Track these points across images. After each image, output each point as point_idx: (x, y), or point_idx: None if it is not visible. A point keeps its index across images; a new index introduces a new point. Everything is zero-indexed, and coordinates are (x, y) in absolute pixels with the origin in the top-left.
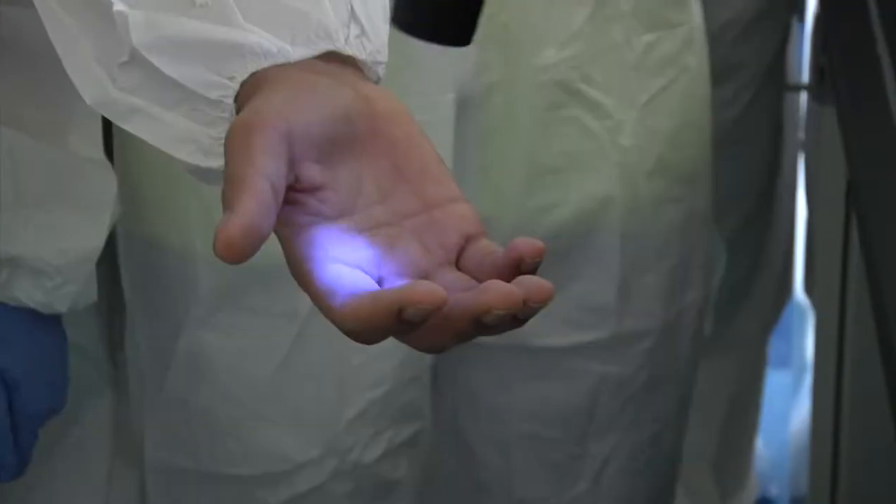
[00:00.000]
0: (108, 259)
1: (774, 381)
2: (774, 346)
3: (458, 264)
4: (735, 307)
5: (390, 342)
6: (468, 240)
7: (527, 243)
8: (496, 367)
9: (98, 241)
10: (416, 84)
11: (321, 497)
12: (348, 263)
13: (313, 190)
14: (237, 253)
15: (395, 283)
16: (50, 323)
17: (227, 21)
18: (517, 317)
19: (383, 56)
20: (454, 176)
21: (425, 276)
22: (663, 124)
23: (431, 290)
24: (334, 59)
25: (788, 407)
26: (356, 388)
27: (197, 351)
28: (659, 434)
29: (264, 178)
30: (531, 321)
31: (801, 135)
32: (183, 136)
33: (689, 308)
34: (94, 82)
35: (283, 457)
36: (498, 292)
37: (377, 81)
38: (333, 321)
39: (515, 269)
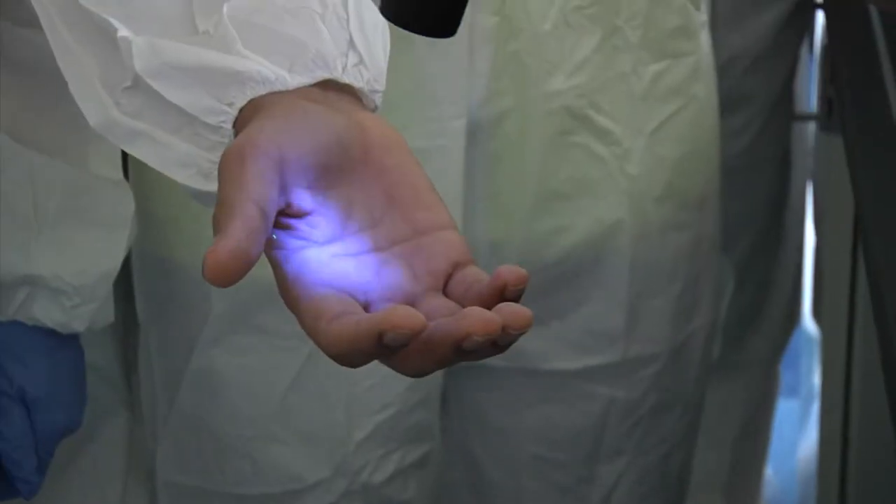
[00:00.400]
0: (124, 279)
1: (783, 410)
2: (783, 376)
3: (445, 291)
4: (744, 332)
5: None
6: (456, 267)
7: (511, 271)
8: (505, 390)
9: (116, 261)
10: (429, 109)
11: None
12: (336, 288)
13: (303, 215)
14: (225, 276)
15: (382, 307)
16: (68, 342)
17: (227, 49)
18: (497, 343)
19: (381, 84)
20: (464, 200)
21: (412, 301)
22: (671, 152)
23: (409, 315)
24: (332, 87)
25: (797, 435)
26: (365, 410)
27: (209, 370)
28: (667, 457)
29: (254, 203)
30: (539, 345)
31: (810, 163)
32: (184, 160)
33: (696, 333)
34: (98, 105)
35: (294, 477)
36: (477, 319)
37: (374, 109)
38: (318, 344)
39: (499, 296)
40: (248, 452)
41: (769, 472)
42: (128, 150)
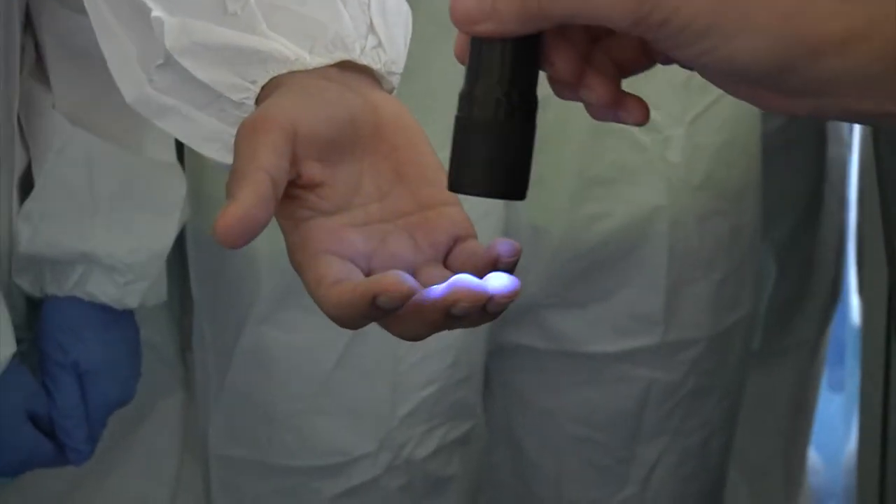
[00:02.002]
0: (181, 262)
1: (833, 404)
2: (834, 371)
3: (446, 263)
4: (790, 316)
5: (442, 342)
6: (457, 240)
7: (504, 243)
8: (547, 372)
9: (167, 241)
10: None
11: (375, 490)
12: (340, 255)
13: (313, 186)
14: (233, 239)
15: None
16: (121, 318)
17: (252, 29)
18: (487, 310)
19: (398, 67)
20: None
21: (413, 270)
22: (710, 140)
23: (399, 280)
24: (350, 68)
25: (847, 428)
26: (409, 386)
27: (258, 347)
28: (707, 440)
29: (265, 172)
30: (580, 327)
31: (849, 140)
32: (211, 135)
33: (738, 324)
34: (134, 82)
35: (340, 450)
36: (464, 286)
37: (391, 91)
38: (320, 306)
39: (492, 267)
40: (296, 426)
41: (819, 462)
42: (159, 125)
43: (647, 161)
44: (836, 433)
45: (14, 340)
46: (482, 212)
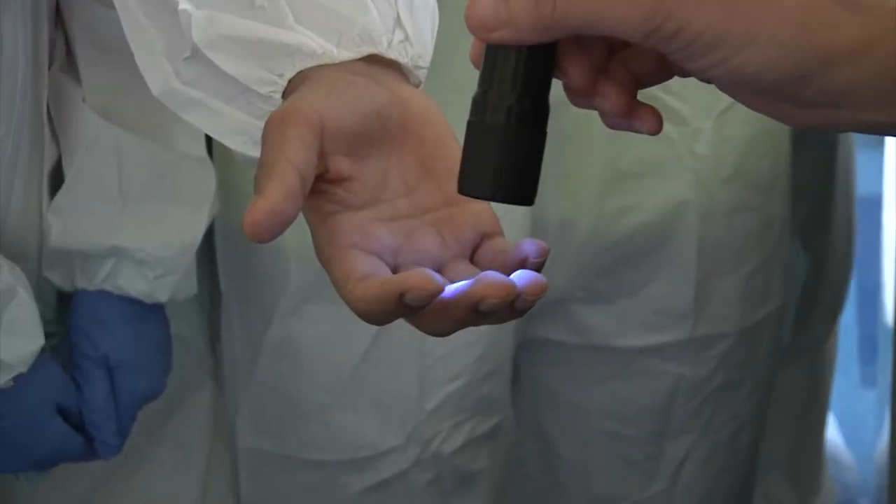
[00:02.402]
0: (210, 255)
1: (865, 400)
2: (867, 367)
3: (472, 260)
4: (807, 312)
5: (470, 336)
6: (483, 237)
7: (532, 243)
8: (575, 366)
9: (196, 235)
10: None
11: (403, 484)
12: (367, 250)
13: (341, 181)
14: (261, 233)
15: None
16: (151, 312)
17: (279, 22)
18: (515, 307)
19: (425, 61)
20: None
21: (439, 266)
22: (738, 133)
23: (427, 278)
24: (377, 61)
25: (878, 425)
26: (436, 380)
27: (286, 339)
28: (736, 435)
29: (293, 166)
30: (608, 322)
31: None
32: (237, 128)
33: (768, 317)
34: (161, 75)
35: (367, 444)
36: (493, 283)
37: (418, 85)
38: (347, 302)
39: (521, 267)
40: (323, 420)
41: (851, 459)
42: (185, 118)
43: (675, 154)
44: (867, 430)
45: (43, 334)
46: (509, 205)
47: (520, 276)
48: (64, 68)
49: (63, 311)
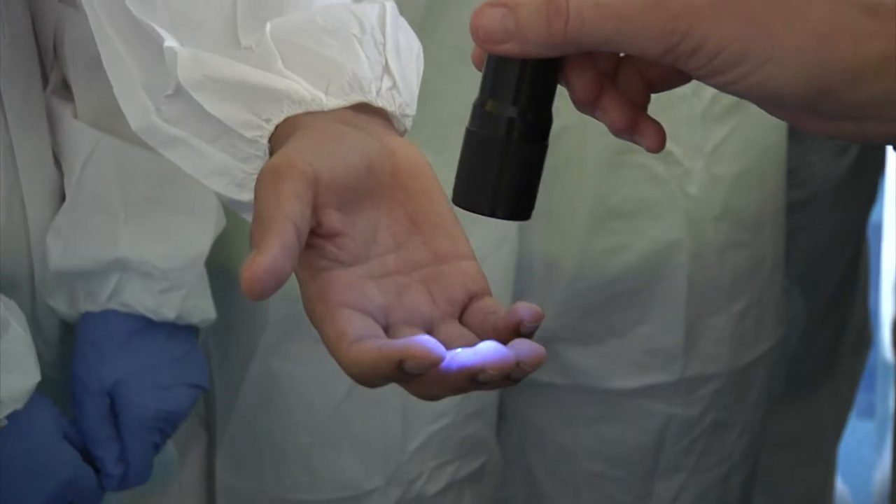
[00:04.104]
0: None
1: (861, 431)
2: (862, 398)
3: (461, 319)
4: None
5: None
6: (472, 297)
7: (527, 308)
8: (563, 407)
9: (203, 247)
10: None
11: None
12: (360, 310)
13: (332, 236)
14: (261, 290)
15: (402, 331)
16: (162, 329)
17: (268, 66)
18: (510, 377)
19: (412, 109)
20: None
21: (430, 326)
22: (728, 170)
23: (430, 348)
24: (365, 109)
25: (874, 456)
26: (420, 419)
27: (267, 377)
28: (726, 477)
29: (290, 221)
30: (597, 363)
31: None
32: (219, 169)
33: (760, 358)
34: (140, 109)
35: (349, 484)
36: (492, 354)
37: (404, 133)
38: (339, 363)
39: (514, 331)
40: (304, 459)
41: (847, 491)
42: (165, 155)
43: (666, 194)
44: (863, 462)
45: (38, 370)
46: (496, 240)
47: (518, 347)
48: (56, 92)
49: (65, 351)
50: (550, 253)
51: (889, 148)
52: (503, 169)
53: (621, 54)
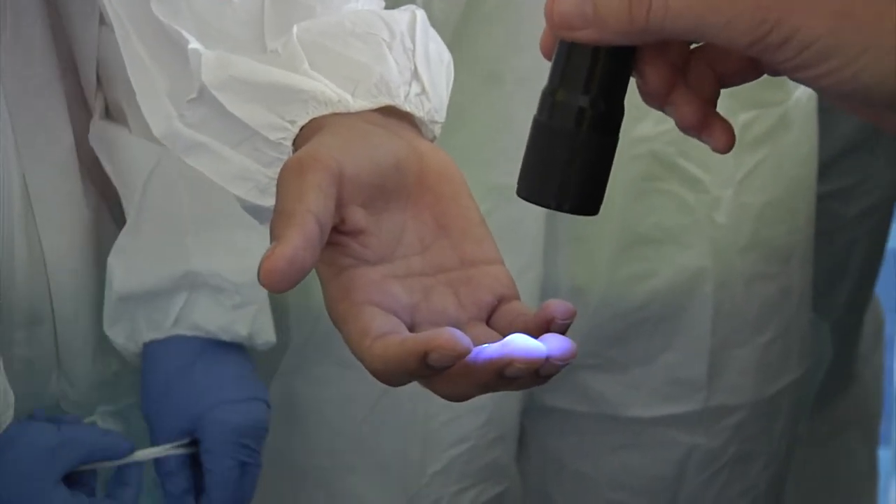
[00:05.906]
0: None
1: (881, 459)
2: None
3: (489, 323)
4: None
5: (476, 401)
6: (501, 300)
7: (559, 304)
8: (584, 435)
9: None
10: (514, 148)
11: None
12: (385, 308)
13: (356, 233)
14: (278, 281)
15: (427, 330)
16: (229, 351)
17: (294, 68)
18: (539, 373)
19: (441, 116)
20: (545, 242)
21: (456, 327)
22: (757, 199)
23: (456, 337)
24: (393, 113)
25: (889, 482)
26: (440, 444)
27: (287, 400)
28: None
29: (312, 214)
30: (620, 391)
31: None
32: (242, 174)
33: (785, 390)
34: (163, 116)
35: None
36: (521, 346)
37: (433, 139)
38: (362, 361)
39: (545, 328)
40: (323, 482)
41: None
42: (188, 162)
43: (694, 221)
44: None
45: (11, 407)
46: (520, 267)
47: (548, 340)
48: (103, 116)
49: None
50: (576, 280)
51: None
52: (571, 162)
53: (692, 45)
